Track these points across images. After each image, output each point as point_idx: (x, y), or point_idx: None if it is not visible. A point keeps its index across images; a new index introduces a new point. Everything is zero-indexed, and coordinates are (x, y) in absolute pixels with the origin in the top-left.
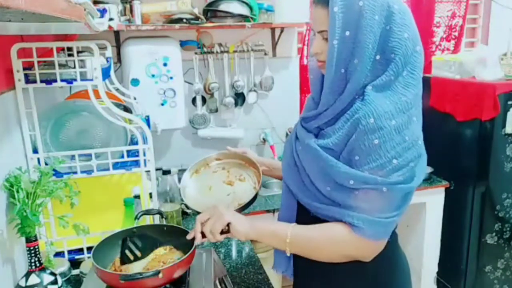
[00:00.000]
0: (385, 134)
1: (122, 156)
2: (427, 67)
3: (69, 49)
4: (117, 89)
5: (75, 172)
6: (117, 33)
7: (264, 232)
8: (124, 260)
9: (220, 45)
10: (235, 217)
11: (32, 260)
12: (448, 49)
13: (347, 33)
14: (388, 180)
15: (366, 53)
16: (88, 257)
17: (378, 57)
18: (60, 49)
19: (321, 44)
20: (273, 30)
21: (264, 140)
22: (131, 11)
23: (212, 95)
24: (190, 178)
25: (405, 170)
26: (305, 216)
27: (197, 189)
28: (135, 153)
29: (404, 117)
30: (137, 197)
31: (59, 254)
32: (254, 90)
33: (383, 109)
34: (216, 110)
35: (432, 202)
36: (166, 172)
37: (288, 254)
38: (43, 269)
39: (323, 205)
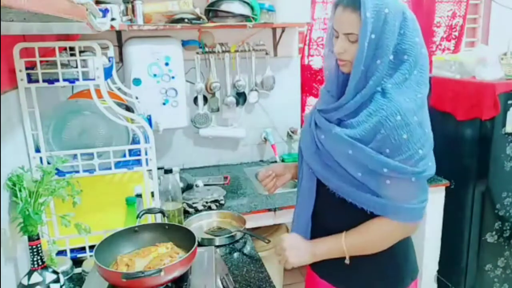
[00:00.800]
0: (412, 129)
1: (124, 155)
2: None
3: (71, 48)
4: (119, 89)
5: (77, 171)
6: (119, 33)
7: (324, 256)
8: None
9: (221, 44)
10: (299, 259)
11: (35, 259)
12: (448, 49)
13: (373, 36)
14: (417, 170)
15: (387, 54)
16: (90, 256)
17: (391, 57)
18: (62, 49)
19: (346, 45)
20: (274, 30)
21: (265, 140)
22: (133, 11)
23: (213, 94)
24: None
25: (427, 159)
26: (328, 198)
27: None
28: (137, 152)
29: (422, 113)
30: (139, 196)
31: (61, 252)
32: (256, 90)
33: (406, 107)
34: (218, 110)
35: (432, 201)
36: (168, 171)
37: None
38: (45, 267)
39: (354, 189)
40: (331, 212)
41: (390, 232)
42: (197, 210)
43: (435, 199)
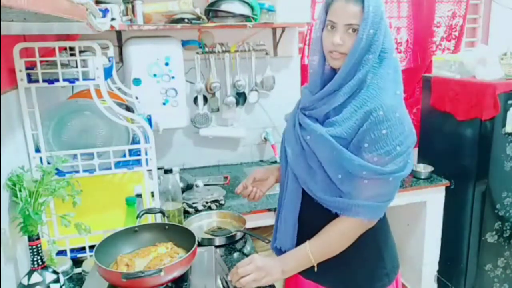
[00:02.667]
0: (392, 125)
1: (124, 155)
2: (428, 66)
3: (71, 48)
4: (119, 89)
5: (77, 171)
6: (119, 33)
7: (294, 271)
8: None
9: (221, 44)
10: (273, 279)
11: (35, 259)
12: (448, 49)
13: (371, 31)
14: (394, 168)
15: (377, 51)
16: (90, 256)
17: (376, 54)
18: (62, 49)
19: (345, 37)
20: (274, 30)
21: (265, 140)
22: (133, 11)
23: (213, 94)
24: None
25: (405, 155)
26: (312, 201)
27: None
28: (137, 152)
29: (402, 109)
30: (139, 196)
31: (61, 252)
32: (256, 90)
33: (389, 103)
34: (218, 110)
35: (432, 201)
36: (168, 171)
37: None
38: (45, 267)
39: (330, 197)
40: (316, 214)
41: (354, 230)
42: (197, 210)
43: (435, 199)
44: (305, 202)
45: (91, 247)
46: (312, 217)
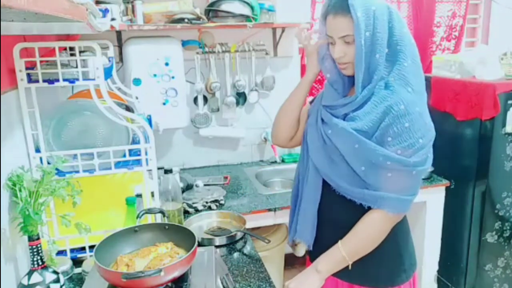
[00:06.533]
0: (413, 119)
1: (124, 155)
2: (428, 66)
3: (71, 48)
4: (119, 89)
5: (77, 171)
6: (119, 33)
7: (330, 271)
8: None
9: (221, 44)
10: (312, 281)
11: (35, 259)
12: (448, 49)
13: (367, 33)
14: (417, 160)
15: (383, 48)
16: (90, 256)
17: (387, 50)
18: (62, 49)
19: (344, 48)
20: (274, 30)
21: (265, 140)
22: (133, 11)
23: (213, 94)
24: None
25: (426, 148)
26: (331, 194)
27: None
28: (137, 152)
29: (422, 104)
30: (139, 196)
31: (61, 252)
32: (256, 90)
33: (409, 97)
34: (218, 110)
35: (432, 201)
36: (168, 171)
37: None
38: (45, 267)
39: (352, 187)
40: (335, 207)
41: (381, 222)
42: (197, 210)
43: (435, 199)
44: (324, 195)
45: (91, 247)
46: (331, 210)
